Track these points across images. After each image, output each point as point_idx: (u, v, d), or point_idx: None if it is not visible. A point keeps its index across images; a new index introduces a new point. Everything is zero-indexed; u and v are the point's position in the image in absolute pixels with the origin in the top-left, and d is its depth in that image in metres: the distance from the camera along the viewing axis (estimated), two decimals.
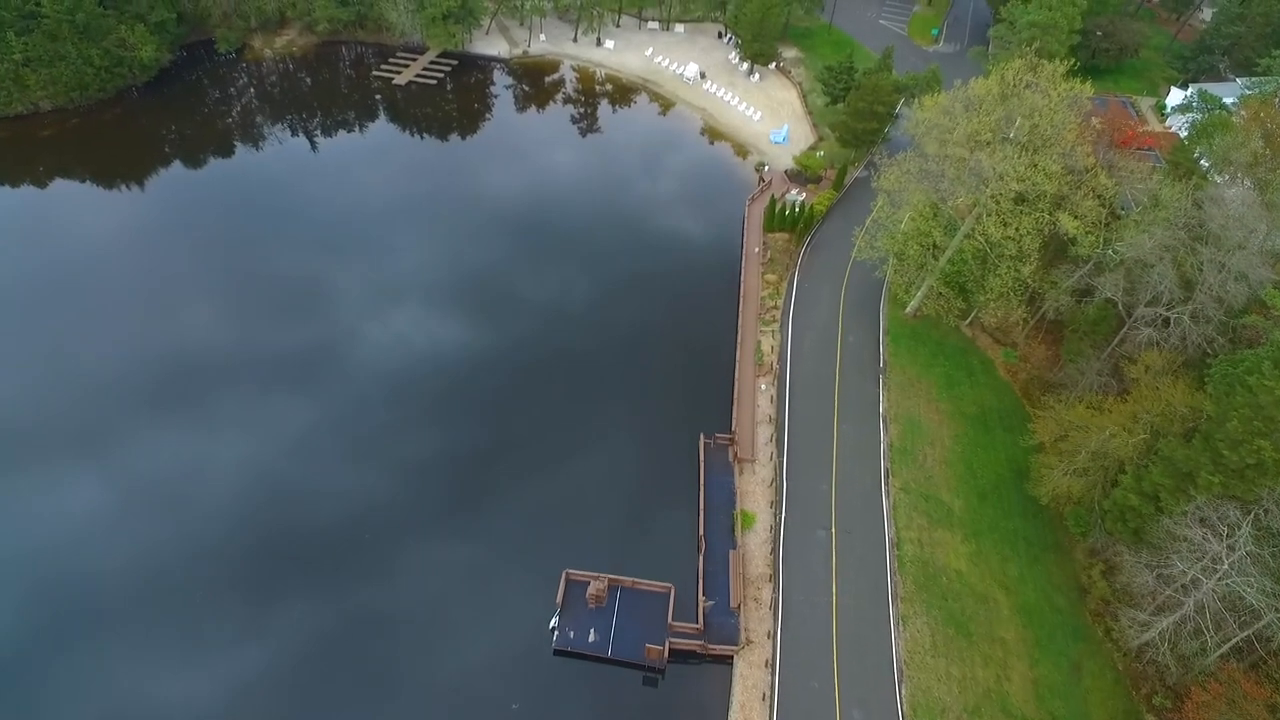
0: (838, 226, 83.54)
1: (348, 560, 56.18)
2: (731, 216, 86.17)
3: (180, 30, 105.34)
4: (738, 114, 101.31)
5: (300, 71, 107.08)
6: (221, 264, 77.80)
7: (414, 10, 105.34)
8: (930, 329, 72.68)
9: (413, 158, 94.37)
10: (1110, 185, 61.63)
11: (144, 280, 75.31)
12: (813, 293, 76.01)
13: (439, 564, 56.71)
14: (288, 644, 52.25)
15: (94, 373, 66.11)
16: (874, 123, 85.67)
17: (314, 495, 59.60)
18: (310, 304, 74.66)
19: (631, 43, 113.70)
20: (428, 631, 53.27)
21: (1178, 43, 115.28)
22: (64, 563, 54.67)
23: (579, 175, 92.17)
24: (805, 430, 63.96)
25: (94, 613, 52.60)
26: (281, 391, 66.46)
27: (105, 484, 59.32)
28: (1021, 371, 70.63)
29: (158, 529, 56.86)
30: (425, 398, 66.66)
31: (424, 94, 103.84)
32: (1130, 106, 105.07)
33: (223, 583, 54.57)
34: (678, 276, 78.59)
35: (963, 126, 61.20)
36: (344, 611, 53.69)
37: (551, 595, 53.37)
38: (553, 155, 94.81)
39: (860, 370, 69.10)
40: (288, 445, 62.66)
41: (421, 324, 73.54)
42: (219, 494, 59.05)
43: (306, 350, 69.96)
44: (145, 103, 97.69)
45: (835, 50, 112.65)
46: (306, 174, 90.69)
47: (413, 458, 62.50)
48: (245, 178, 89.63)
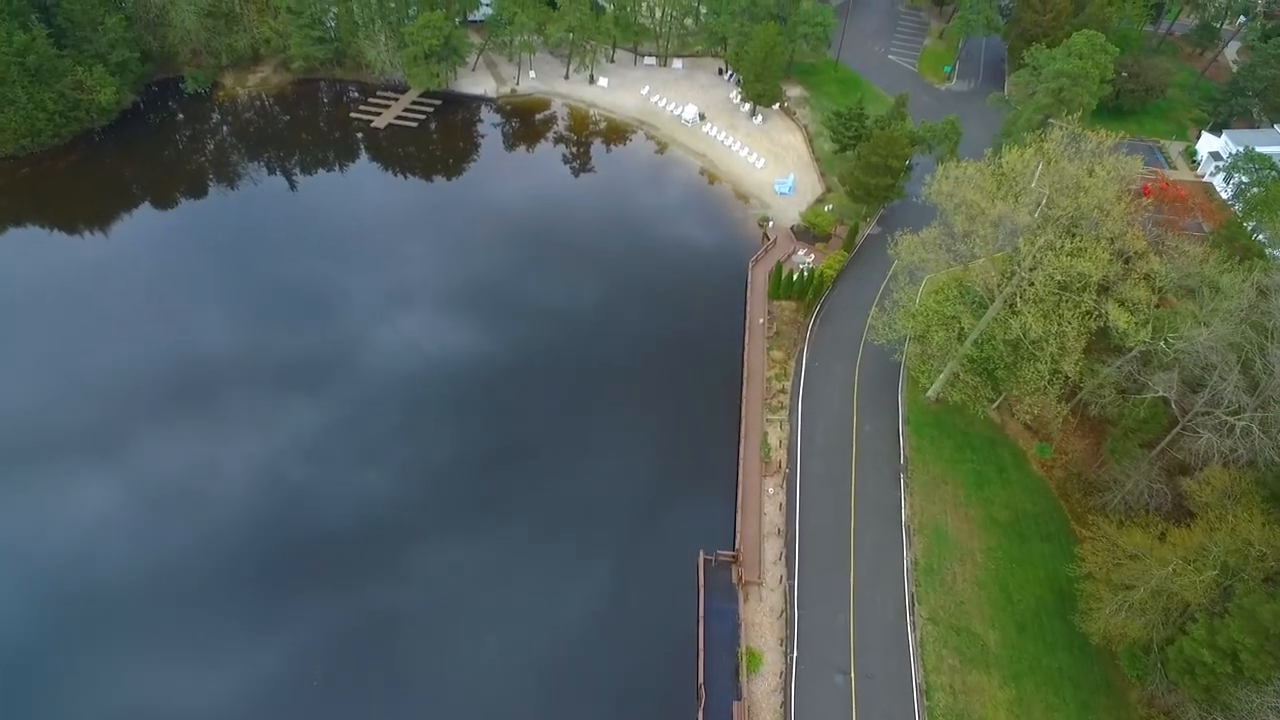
0: (850, 293, 75.43)
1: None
2: (733, 279, 77.76)
3: (145, 69, 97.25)
4: (739, 160, 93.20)
5: (274, 112, 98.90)
6: (180, 321, 70.34)
7: (394, 48, 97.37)
8: (955, 415, 64.43)
9: (389, 207, 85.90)
10: (1164, 271, 53.69)
11: (95, 339, 67.80)
12: (824, 372, 67.87)
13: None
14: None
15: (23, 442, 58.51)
16: (887, 177, 77.54)
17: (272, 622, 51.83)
18: (267, 370, 66.86)
19: (626, 80, 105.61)
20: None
21: (1206, 81, 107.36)
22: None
23: (567, 229, 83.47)
24: (819, 545, 55.73)
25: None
26: (208, 486, 58.58)
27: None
28: (1058, 467, 62.57)
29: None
30: (365, 505, 58.64)
31: (404, 136, 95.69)
32: (1158, 153, 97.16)
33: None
34: (673, 352, 70.18)
35: (997, 207, 53.23)
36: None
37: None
38: (537, 208, 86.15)
39: (879, 467, 60.95)
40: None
41: (376, 400, 65.47)
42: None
43: (254, 445, 61.88)
44: (104, 148, 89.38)
45: (842, 89, 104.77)
46: (273, 225, 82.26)
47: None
48: (208, 230, 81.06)
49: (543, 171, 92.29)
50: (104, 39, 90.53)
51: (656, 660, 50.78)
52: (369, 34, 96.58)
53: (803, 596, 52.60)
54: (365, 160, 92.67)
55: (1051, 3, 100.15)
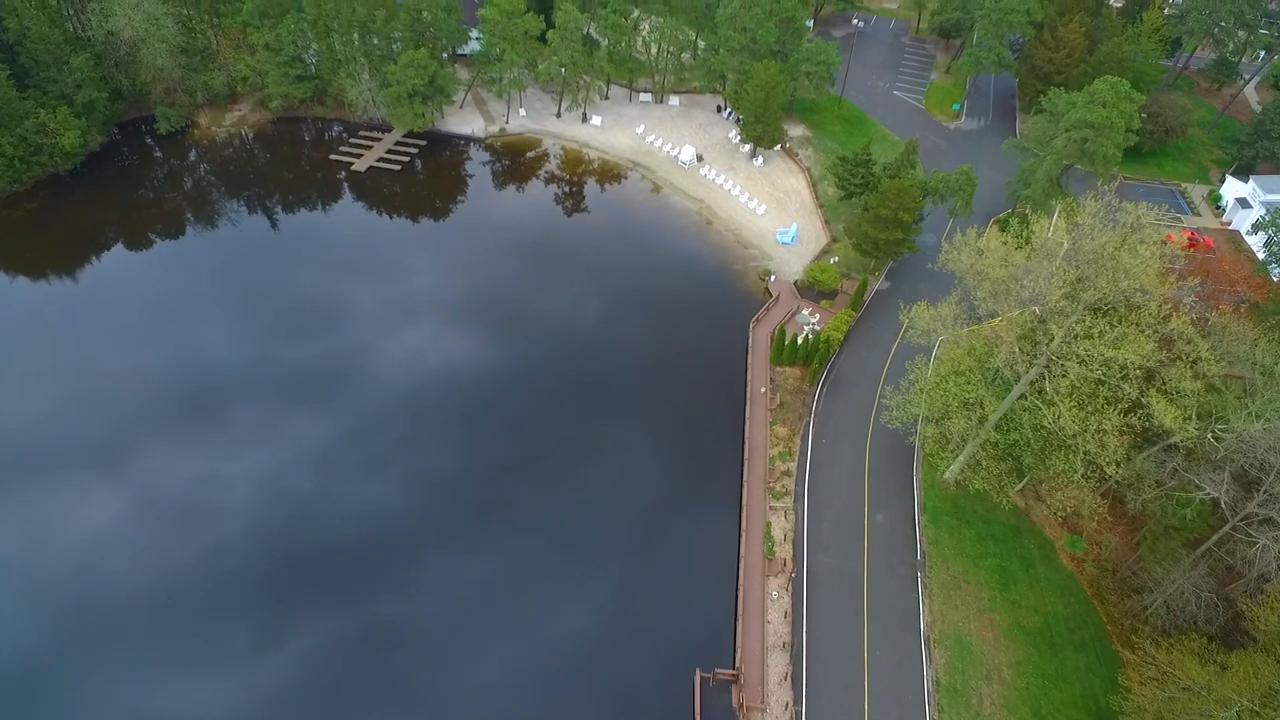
0: (858, 358, 69.48)
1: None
2: (733, 340, 71.40)
3: (115, 108, 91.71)
4: (739, 206, 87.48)
5: (249, 154, 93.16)
6: (145, 376, 65.07)
7: (377, 87, 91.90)
8: (975, 500, 58.02)
9: (367, 259, 79.45)
10: (1213, 359, 47.77)
11: (53, 395, 62.53)
12: (832, 452, 61.76)
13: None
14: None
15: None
16: (898, 232, 71.74)
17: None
18: (239, 424, 61.40)
19: (621, 118, 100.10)
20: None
21: (1226, 119, 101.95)
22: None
23: (555, 284, 76.94)
24: (829, 661, 49.37)
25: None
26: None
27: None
28: (1090, 562, 56.41)
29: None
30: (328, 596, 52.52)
31: (387, 180, 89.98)
32: (1180, 197, 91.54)
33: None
34: (668, 428, 63.82)
35: (1027, 288, 47.42)
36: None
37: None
38: (524, 259, 79.90)
39: (893, 564, 54.75)
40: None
41: (344, 474, 59.43)
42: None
43: (219, 503, 55.87)
44: (69, 194, 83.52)
45: (846, 128, 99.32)
46: (244, 276, 75.91)
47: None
48: (175, 280, 75.02)
49: (531, 219, 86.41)
50: (70, 79, 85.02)
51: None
52: (350, 72, 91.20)
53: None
54: (344, 206, 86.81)
55: (1065, 39, 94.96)
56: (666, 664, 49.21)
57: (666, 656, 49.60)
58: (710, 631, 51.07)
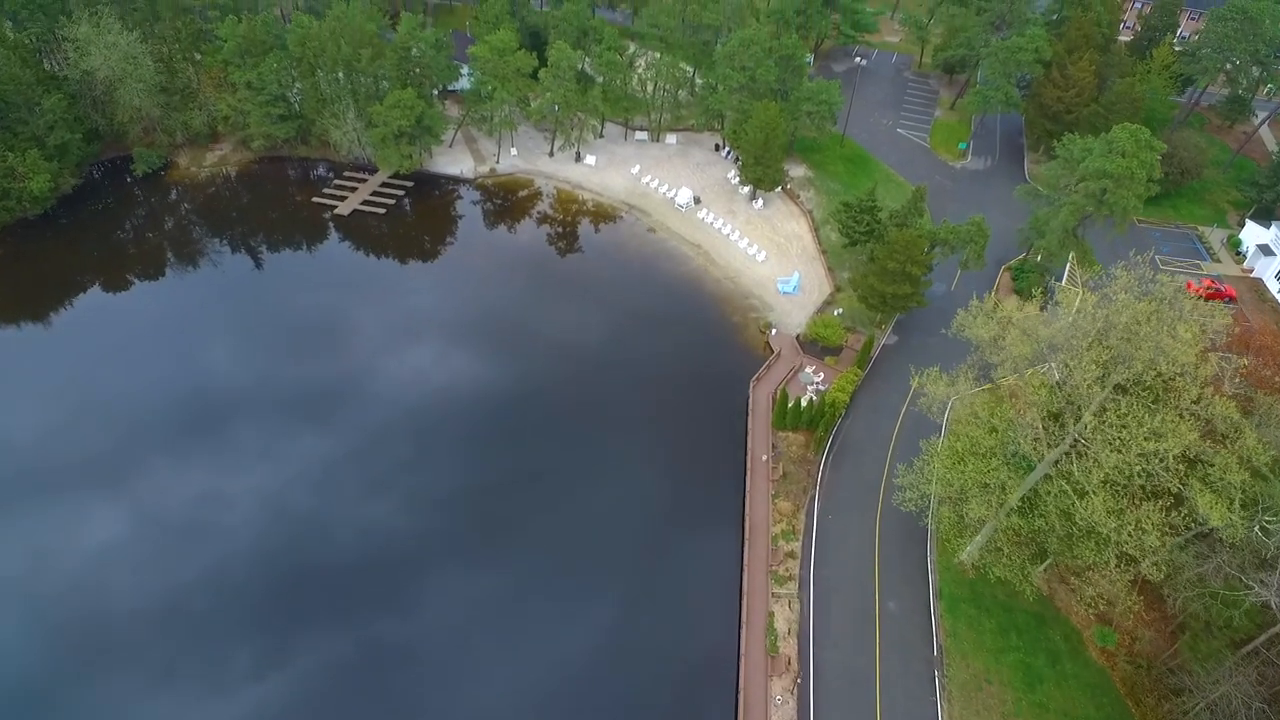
0: (866, 422, 64.80)
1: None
2: (732, 400, 66.38)
3: (90, 149, 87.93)
4: (738, 253, 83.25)
5: (229, 196, 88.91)
6: (115, 430, 60.99)
7: (363, 128, 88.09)
8: (995, 585, 53.03)
9: (345, 310, 74.99)
10: (1261, 449, 43.17)
11: (13, 454, 58.55)
12: (839, 529, 56.88)
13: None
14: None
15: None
16: (907, 286, 67.50)
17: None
18: (213, 479, 56.77)
19: (616, 157, 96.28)
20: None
21: (1242, 158, 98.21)
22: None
23: (542, 338, 71.83)
24: None
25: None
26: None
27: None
28: (1123, 656, 51.44)
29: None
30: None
31: (371, 223, 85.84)
32: (1197, 241, 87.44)
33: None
34: (662, 498, 58.95)
35: (1054, 370, 43.01)
36: None
37: None
38: (510, 310, 74.97)
39: (908, 662, 49.69)
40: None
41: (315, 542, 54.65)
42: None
43: (180, 563, 51.10)
44: (38, 239, 79.19)
45: (849, 167, 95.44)
46: (218, 326, 71.46)
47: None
48: (147, 329, 70.57)
49: (520, 266, 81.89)
50: (42, 120, 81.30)
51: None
52: (335, 112, 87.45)
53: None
54: (326, 252, 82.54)
55: (1074, 78, 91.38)
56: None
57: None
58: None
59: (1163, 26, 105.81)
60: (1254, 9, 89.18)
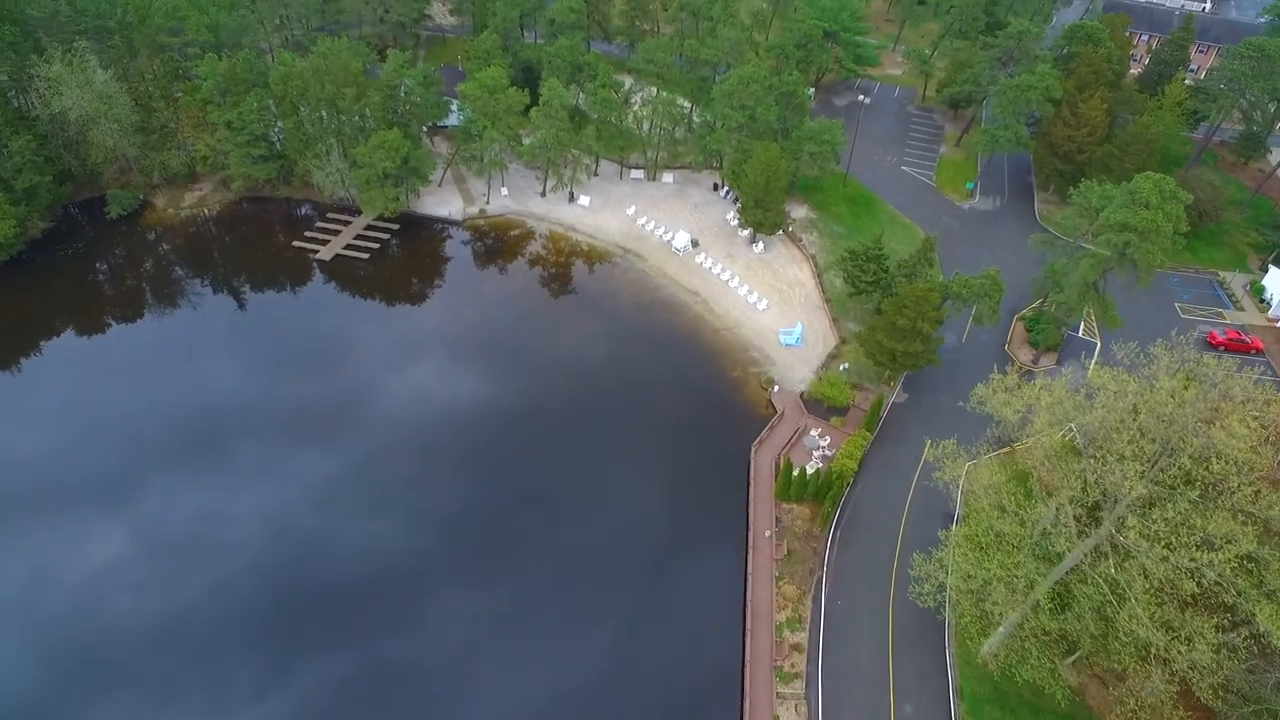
0: (876, 492, 60.16)
1: None
2: (731, 467, 61.52)
3: (62, 190, 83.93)
4: (738, 300, 79.00)
5: (206, 239, 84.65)
6: (75, 488, 56.76)
7: (346, 169, 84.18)
8: (1021, 683, 48.65)
9: (325, 359, 70.65)
10: None
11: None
12: (849, 617, 52.06)
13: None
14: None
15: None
16: (918, 344, 63.19)
17: None
18: (148, 557, 52.10)
19: (610, 198, 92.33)
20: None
21: (1261, 199, 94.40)
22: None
23: (531, 396, 67.49)
24: None
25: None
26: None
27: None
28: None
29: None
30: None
31: (354, 268, 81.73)
32: (1218, 287, 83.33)
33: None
34: (657, 583, 54.11)
35: (1091, 466, 38.60)
36: None
37: None
38: (494, 363, 70.91)
39: None
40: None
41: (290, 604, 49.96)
42: None
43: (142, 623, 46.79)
44: (1, 286, 75.55)
45: (852, 208, 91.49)
46: (185, 378, 67.15)
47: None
48: (104, 382, 66.58)
49: (508, 316, 77.39)
50: (9, 163, 77.31)
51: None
52: (318, 153, 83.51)
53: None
54: (306, 298, 78.35)
55: (1085, 117, 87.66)
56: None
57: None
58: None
59: (1173, 61, 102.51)
60: (1271, 47, 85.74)
